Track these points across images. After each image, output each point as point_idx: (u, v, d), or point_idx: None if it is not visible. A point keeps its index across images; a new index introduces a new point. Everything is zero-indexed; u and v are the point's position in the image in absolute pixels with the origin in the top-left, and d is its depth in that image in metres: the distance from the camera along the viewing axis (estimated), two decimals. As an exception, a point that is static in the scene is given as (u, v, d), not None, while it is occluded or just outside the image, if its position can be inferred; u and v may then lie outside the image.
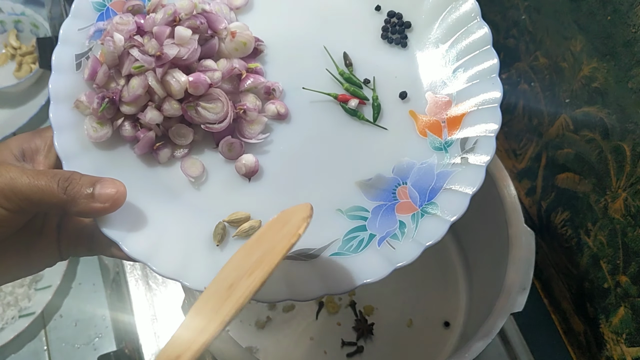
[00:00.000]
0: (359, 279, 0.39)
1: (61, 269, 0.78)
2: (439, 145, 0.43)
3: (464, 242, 0.63)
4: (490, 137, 0.41)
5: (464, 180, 0.40)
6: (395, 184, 0.43)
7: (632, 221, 0.58)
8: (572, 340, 0.69)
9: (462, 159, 0.42)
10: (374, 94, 0.46)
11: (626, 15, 0.55)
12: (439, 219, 0.39)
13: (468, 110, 0.43)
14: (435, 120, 0.44)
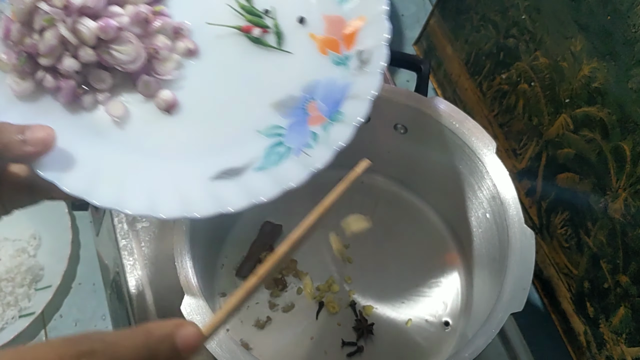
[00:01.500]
0: (282, 186, 0.43)
1: (61, 269, 0.78)
2: (339, 60, 0.48)
3: (464, 242, 0.63)
4: (383, 45, 0.45)
5: (364, 87, 0.44)
6: (305, 100, 0.47)
7: (632, 221, 0.58)
8: (572, 340, 0.69)
9: (361, 69, 0.46)
10: (275, 21, 0.50)
11: (626, 14, 0.55)
12: (346, 124, 0.44)
13: (360, 25, 0.48)
14: (333, 38, 0.49)
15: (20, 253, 0.79)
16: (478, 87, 0.79)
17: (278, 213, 0.66)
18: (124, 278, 0.63)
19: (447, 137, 0.58)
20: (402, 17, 1.00)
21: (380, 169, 0.68)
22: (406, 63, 0.62)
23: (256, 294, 0.62)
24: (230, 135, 0.46)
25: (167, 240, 0.51)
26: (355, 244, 0.64)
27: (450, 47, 0.84)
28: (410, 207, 0.67)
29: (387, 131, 0.62)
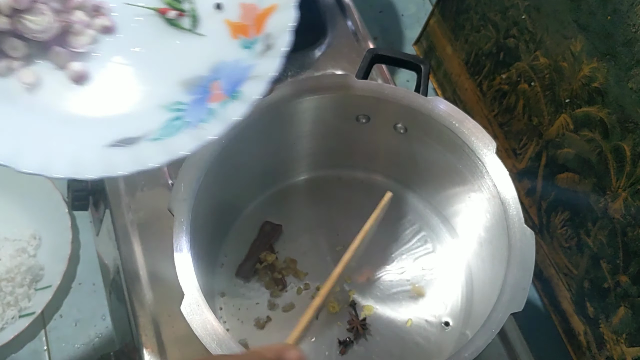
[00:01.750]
0: (172, 155, 0.45)
1: (61, 269, 0.78)
2: (247, 44, 0.51)
3: (464, 242, 0.63)
4: (288, 32, 0.48)
5: (265, 69, 0.47)
6: (210, 80, 0.50)
7: (632, 221, 0.58)
8: (572, 340, 0.69)
9: (264, 53, 0.49)
10: (192, 6, 0.54)
11: (626, 14, 0.55)
12: (243, 102, 0.47)
13: (270, 12, 0.51)
14: (245, 24, 0.52)
15: (20, 253, 0.79)
16: (478, 87, 0.79)
17: (278, 213, 0.66)
18: (124, 278, 0.63)
19: (447, 137, 0.58)
20: (402, 17, 1.00)
21: (380, 168, 0.68)
22: (406, 63, 0.62)
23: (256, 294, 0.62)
24: (134, 108, 0.49)
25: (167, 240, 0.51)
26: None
27: (450, 47, 0.84)
28: (410, 207, 0.67)
29: (387, 131, 0.62)
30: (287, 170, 0.67)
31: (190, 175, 0.53)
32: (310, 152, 0.66)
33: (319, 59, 0.77)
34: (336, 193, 0.67)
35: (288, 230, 0.65)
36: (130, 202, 0.66)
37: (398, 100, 0.58)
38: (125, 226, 0.65)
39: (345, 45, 0.78)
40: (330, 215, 0.66)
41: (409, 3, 1.01)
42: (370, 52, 0.62)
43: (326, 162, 0.67)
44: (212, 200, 0.56)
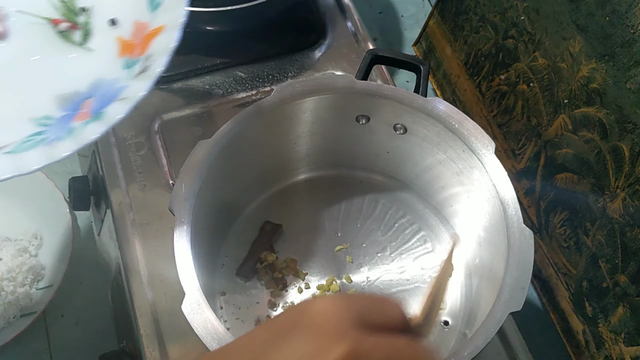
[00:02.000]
0: (18, 170, 0.44)
1: (62, 268, 0.79)
2: (129, 64, 0.50)
3: (463, 242, 0.64)
4: (166, 54, 0.47)
5: (134, 91, 0.46)
6: (85, 97, 0.49)
7: (630, 221, 0.58)
8: (570, 339, 0.69)
9: (139, 74, 0.48)
10: (87, 20, 0.53)
11: (625, 15, 0.55)
12: (103, 123, 0.45)
13: (157, 33, 0.50)
14: (133, 43, 0.51)
15: (21, 253, 0.79)
16: (477, 87, 0.79)
17: (278, 213, 0.66)
18: (125, 277, 0.63)
19: (447, 138, 0.58)
20: (402, 18, 1.00)
21: (380, 169, 0.68)
22: (406, 64, 0.63)
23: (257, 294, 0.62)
24: (3, 118, 0.49)
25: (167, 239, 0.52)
26: (355, 244, 0.65)
27: (449, 48, 0.84)
28: (410, 206, 0.67)
29: (387, 131, 0.62)
30: (288, 170, 0.67)
31: (191, 176, 0.53)
32: (310, 152, 0.66)
33: (319, 60, 0.78)
34: (336, 193, 0.68)
35: (288, 230, 0.65)
36: (131, 202, 0.66)
37: (398, 101, 0.59)
38: (126, 226, 0.65)
39: (345, 46, 0.79)
40: (330, 215, 0.66)
41: (409, 4, 1.02)
42: (370, 52, 0.62)
43: (326, 162, 0.68)
44: (213, 200, 0.57)
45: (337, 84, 0.59)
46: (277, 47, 0.78)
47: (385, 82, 0.75)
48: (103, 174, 0.68)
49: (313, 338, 0.31)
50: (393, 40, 0.97)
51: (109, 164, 0.69)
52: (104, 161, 0.69)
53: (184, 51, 0.76)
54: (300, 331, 0.31)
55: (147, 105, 0.73)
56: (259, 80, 0.75)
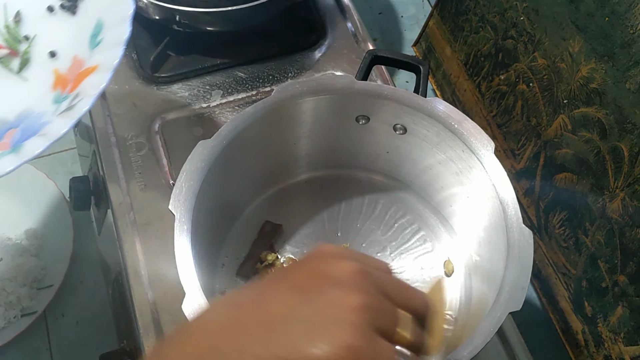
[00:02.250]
0: None
1: (63, 268, 0.79)
2: (59, 99, 0.50)
3: (463, 241, 0.64)
4: (93, 96, 0.47)
5: (55, 128, 0.46)
6: (10, 126, 0.49)
7: (629, 221, 0.58)
8: (570, 339, 0.69)
9: (64, 112, 0.47)
10: (28, 49, 0.54)
11: (624, 16, 0.55)
12: (18, 157, 0.45)
13: (89, 72, 0.50)
14: (68, 78, 0.51)
15: (22, 253, 0.80)
16: (477, 88, 0.79)
17: (278, 213, 0.66)
18: (126, 277, 0.63)
19: (446, 138, 0.58)
20: (402, 18, 1.00)
21: (380, 169, 0.68)
22: (405, 64, 0.63)
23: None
24: None
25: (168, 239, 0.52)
26: (355, 244, 0.65)
27: (449, 48, 0.84)
28: (410, 206, 0.67)
29: (387, 131, 0.62)
30: (288, 171, 0.68)
31: (191, 176, 0.53)
32: (310, 153, 0.66)
33: (319, 60, 0.78)
34: (336, 193, 0.68)
35: (288, 230, 0.66)
36: (131, 202, 0.66)
37: (397, 101, 0.59)
38: (127, 226, 0.65)
39: (345, 47, 0.79)
40: (330, 215, 0.67)
41: (409, 5, 1.02)
42: (369, 53, 0.62)
43: (326, 162, 0.68)
44: (213, 200, 0.57)
45: (337, 85, 0.59)
46: (277, 48, 0.78)
47: (385, 83, 0.75)
48: (103, 174, 0.69)
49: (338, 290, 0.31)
50: (393, 41, 0.98)
51: (109, 164, 0.69)
52: (105, 161, 0.69)
53: (184, 51, 0.76)
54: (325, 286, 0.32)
55: (147, 105, 0.73)
56: (259, 80, 0.76)
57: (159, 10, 0.71)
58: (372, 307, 0.31)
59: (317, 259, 0.34)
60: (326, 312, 0.30)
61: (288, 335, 0.30)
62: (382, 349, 0.30)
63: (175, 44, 0.75)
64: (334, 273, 0.32)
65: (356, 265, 0.33)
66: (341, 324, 0.30)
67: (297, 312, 0.31)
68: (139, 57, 0.75)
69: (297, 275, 0.33)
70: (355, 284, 0.32)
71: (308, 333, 0.30)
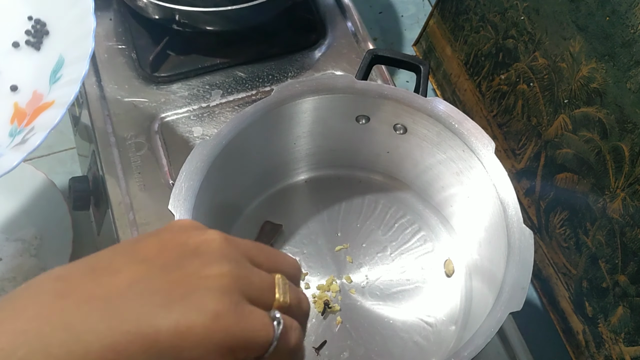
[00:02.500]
0: None
1: (62, 268, 0.79)
2: (14, 132, 0.51)
3: (463, 242, 0.64)
4: (44, 132, 0.47)
5: (7, 162, 0.46)
6: None
7: (630, 221, 0.58)
8: (570, 339, 0.69)
9: (17, 146, 0.48)
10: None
11: (625, 16, 0.55)
12: None
13: (46, 107, 0.50)
14: (25, 112, 0.52)
15: (21, 253, 0.80)
16: (477, 87, 0.79)
17: (278, 213, 0.66)
18: (125, 278, 0.63)
19: (447, 137, 0.58)
20: (402, 18, 1.00)
21: (380, 169, 0.68)
22: (406, 64, 0.63)
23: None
24: None
25: (168, 240, 0.52)
26: (355, 244, 0.65)
27: (449, 47, 0.84)
28: (410, 206, 0.67)
29: (387, 131, 0.62)
30: (287, 170, 0.67)
31: (190, 175, 0.53)
32: (310, 152, 0.66)
33: (319, 60, 0.78)
34: (336, 193, 0.68)
35: (288, 230, 0.66)
36: (131, 202, 0.66)
37: (398, 101, 0.59)
38: (126, 226, 0.65)
39: (345, 46, 0.79)
40: (330, 215, 0.66)
41: (409, 4, 1.02)
42: (370, 52, 0.62)
43: (326, 162, 0.68)
44: (213, 200, 0.57)
45: (337, 84, 0.59)
46: (277, 47, 0.78)
47: (385, 82, 0.75)
48: (103, 174, 0.69)
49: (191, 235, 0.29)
50: (393, 40, 0.98)
51: (109, 164, 0.69)
52: (104, 161, 0.69)
53: (183, 51, 0.76)
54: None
55: (147, 105, 0.73)
56: (259, 80, 0.76)
57: (159, 10, 0.71)
58: (240, 275, 0.28)
59: (169, 230, 0.30)
60: (183, 283, 0.27)
61: (135, 307, 0.26)
62: (250, 314, 0.28)
63: (174, 43, 0.75)
64: (191, 242, 0.29)
65: (218, 234, 0.30)
66: (202, 293, 0.27)
67: (146, 284, 0.27)
68: (138, 57, 0.75)
69: (144, 245, 0.29)
70: (218, 250, 0.29)
71: (161, 304, 0.26)
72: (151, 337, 0.25)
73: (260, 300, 0.29)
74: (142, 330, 0.25)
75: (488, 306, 0.49)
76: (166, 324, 0.26)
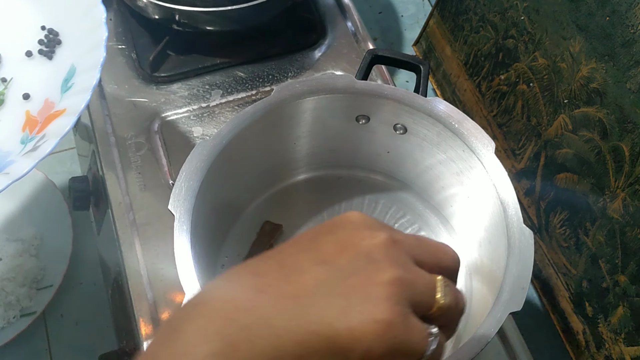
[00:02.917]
0: None
1: (62, 268, 0.79)
2: (25, 139, 0.52)
3: (463, 242, 0.64)
4: (55, 140, 0.48)
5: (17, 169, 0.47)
6: None
7: (630, 221, 0.58)
8: (570, 339, 0.69)
9: (28, 153, 0.49)
10: (2, 90, 0.56)
11: (625, 15, 0.55)
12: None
13: (58, 115, 0.51)
14: (36, 119, 0.53)
15: (21, 253, 0.80)
16: (477, 87, 0.79)
17: (278, 213, 0.66)
18: (125, 278, 0.63)
19: (446, 137, 0.58)
20: (402, 18, 1.00)
21: (380, 169, 0.68)
22: (405, 64, 0.63)
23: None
24: None
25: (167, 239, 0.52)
26: (355, 244, 0.64)
27: (449, 47, 0.84)
28: (410, 206, 0.67)
29: (387, 131, 0.62)
30: (288, 170, 0.67)
31: (190, 176, 0.53)
32: (310, 152, 0.66)
33: (319, 60, 0.78)
34: (336, 193, 0.68)
35: (288, 230, 0.65)
36: (131, 202, 0.66)
37: (398, 101, 0.59)
38: (126, 226, 0.65)
39: (345, 46, 0.79)
40: (330, 215, 0.66)
41: (409, 4, 1.02)
42: (369, 52, 0.62)
43: (326, 162, 0.68)
44: (213, 200, 0.57)
45: (337, 84, 0.59)
46: (277, 47, 0.78)
47: (385, 82, 0.75)
48: (103, 174, 0.68)
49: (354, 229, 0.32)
50: (393, 40, 0.98)
51: (108, 164, 0.69)
52: (104, 161, 0.69)
53: (183, 51, 0.76)
54: (340, 227, 0.32)
55: (147, 105, 0.73)
56: (258, 80, 0.76)
57: (159, 10, 0.71)
58: (406, 281, 0.31)
59: (343, 228, 0.33)
60: (359, 288, 0.30)
61: (320, 309, 0.29)
62: (414, 327, 0.30)
63: (174, 43, 0.75)
64: (364, 245, 0.31)
65: (386, 236, 0.32)
66: (375, 300, 0.29)
67: (328, 286, 0.30)
68: (138, 57, 0.75)
69: (324, 245, 0.32)
70: (387, 256, 0.31)
71: (341, 308, 0.29)
72: (332, 338, 0.29)
73: (422, 304, 0.31)
74: (325, 331, 0.29)
75: (488, 306, 0.49)
76: (345, 328, 0.29)
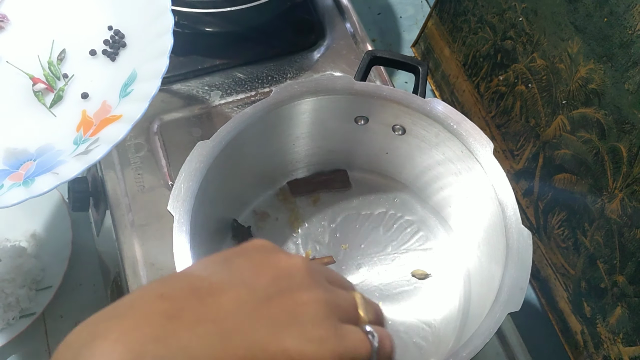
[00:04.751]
0: None
1: (62, 269, 0.79)
2: (78, 140, 0.51)
3: (462, 242, 0.64)
4: (109, 145, 0.48)
5: (68, 169, 0.47)
6: (29, 158, 0.51)
7: (628, 221, 0.58)
8: (569, 339, 0.69)
9: (80, 155, 0.49)
10: (64, 87, 0.56)
11: (623, 17, 0.56)
12: (26, 191, 0.47)
13: (114, 120, 0.51)
14: (92, 121, 0.53)
15: (21, 254, 0.79)
16: (476, 88, 0.79)
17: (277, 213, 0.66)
18: (125, 279, 0.63)
19: (445, 138, 0.58)
20: (400, 19, 1.00)
21: (379, 169, 0.68)
22: (404, 65, 0.63)
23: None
24: None
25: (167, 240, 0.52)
26: (355, 244, 0.65)
27: (448, 49, 0.84)
28: (409, 207, 0.67)
29: (386, 132, 0.62)
30: (287, 171, 0.68)
31: (190, 177, 0.53)
32: (309, 153, 0.66)
33: (318, 61, 0.78)
34: (335, 193, 0.68)
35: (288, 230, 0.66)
36: (130, 203, 0.66)
37: (396, 102, 0.59)
38: (126, 227, 0.65)
39: (344, 47, 0.79)
40: (330, 215, 0.67)
41: (407, 5, 1.02)
42: (368, 54, 0.62)
43: (325, 162, 0.68)
44: (212, 201, 0.57)
45: (336, 85, 0.59)
46: (276, 49, 0.78)
47: (384, 83, 0.75)
48: (102, 175, 0.69)
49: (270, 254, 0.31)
50: (392, 41, 0.98)
51: (108, 165, 0.69)
52: (103, 162, 0.69)
53: (183, 52, 0.76)
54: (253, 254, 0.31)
55: (146, 106, 0.73)
56: (257, 81, 0.76)
57: (158, 11, 0.71)
58: (330, 298, 0.30)
59: (256, 252, 0.32)
60: (286, 308, 0.28)
61: (246, 333, 0.27)
62: (348, 334, 0.30)
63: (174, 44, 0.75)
64: (283, 266, 0.30)
65: (302, 259, 0.31)
66: (305, 320, 0.28)
67: (251, 308, 0.28)
68: (137, 58, 0.75)
69: (240, 266, 0.30)
70: (308, 276, 0.30)
71: (271, 330, 0.27)
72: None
73: (348, 319, 0.31)
74: (257, 356, 0.27)
75: (487, 306, 0.49)
76: (280, 351, 0.27)
